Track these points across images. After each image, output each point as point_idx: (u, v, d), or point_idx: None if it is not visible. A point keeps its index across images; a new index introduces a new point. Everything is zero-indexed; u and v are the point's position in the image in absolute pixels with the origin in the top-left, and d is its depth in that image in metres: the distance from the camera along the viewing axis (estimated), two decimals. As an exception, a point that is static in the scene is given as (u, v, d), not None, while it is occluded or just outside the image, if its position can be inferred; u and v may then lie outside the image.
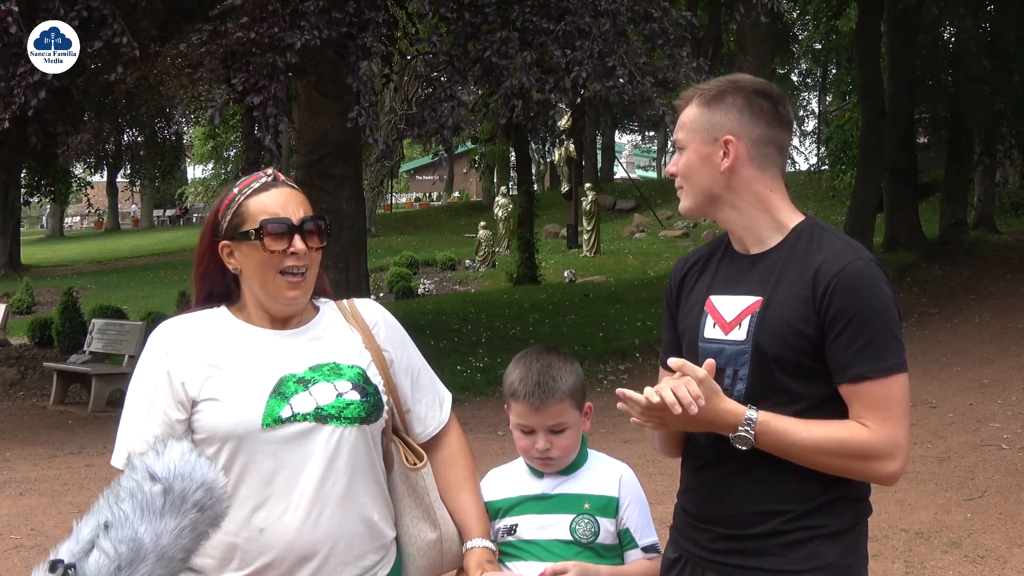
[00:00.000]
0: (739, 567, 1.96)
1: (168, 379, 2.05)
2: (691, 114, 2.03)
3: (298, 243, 2.05)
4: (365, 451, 2.09)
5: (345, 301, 2.25)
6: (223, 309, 2.15)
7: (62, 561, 1.50)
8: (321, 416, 2.03)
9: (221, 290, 2.17)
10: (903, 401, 1.91)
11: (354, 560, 2.07)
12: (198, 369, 2.05)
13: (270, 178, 2.13)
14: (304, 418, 2.02)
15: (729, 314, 2.00)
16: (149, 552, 1.53)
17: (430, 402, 2.27)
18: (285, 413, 2.01)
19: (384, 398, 2.13)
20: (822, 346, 1.91)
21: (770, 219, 2.02)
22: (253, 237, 2.05)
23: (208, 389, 2.03)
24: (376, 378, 2.13)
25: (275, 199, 2.08)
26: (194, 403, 2.04)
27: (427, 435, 2.26)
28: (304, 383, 2.05)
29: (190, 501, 1.59)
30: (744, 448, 1.91)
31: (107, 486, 1.63)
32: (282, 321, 2.13)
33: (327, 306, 2.22)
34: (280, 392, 2.03)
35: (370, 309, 2.24)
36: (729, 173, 1.99)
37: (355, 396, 2.07)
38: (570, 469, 2.26)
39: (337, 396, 2.05)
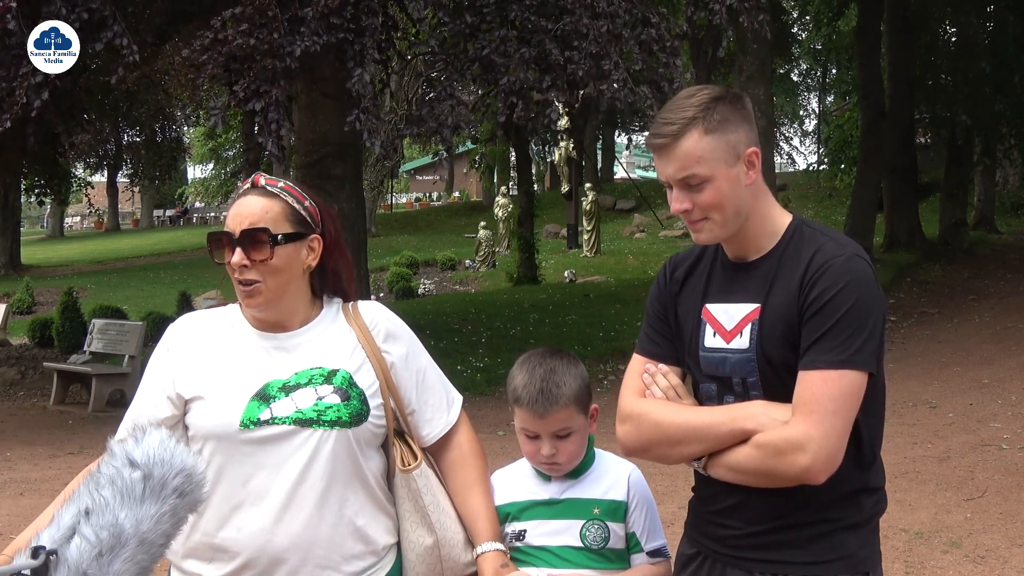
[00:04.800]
0: (761, 561, 1.96)
1: (163, 375, 2.11)
2: (703, 144, 1.92)
3: (235, 256, 2.06)
4: (348, 455, 2.08)
5: (349, 303, 2.24)
6: (235, 307, 2.19)
7: (44, 547, 1.50)
8: (299, 420, 2.04)
9: None
10: (838, 398, 1.84)
11: (336, 565, 2.06)
12: (192, 367, 2.10)
13: (248, 185, 2.14)
14: (282, 421, 2.03)
15: (729, 323, 1.99)
16: (130, 538, 1.54)
17: (437, 403, 2.24)
18: (264, 416, 2.03)
19: (374, 402, 2.12)
20: None
21: (769, 223, 2.01)
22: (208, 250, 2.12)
23: (196, 388, 2.08)
24: (365, 381, 2.12)
25: (234, 210, 2.11)
26: (185, 401, 2.08)
27: (434, 436, 2.24)
28: (287, 389, 2.07)
29: (170, 487, 1.60)
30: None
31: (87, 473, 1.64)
32: (279, 324, 2.14)
33: (331, 307, 2.22)
34: (262, 395, 2.05)
35: (371, 310, 2.23)
36: (752, 186, 1.97)
37: (336, 400, 2.07)
38: (578, 472, 2.23)
39: (317, 400, 2.06)
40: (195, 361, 2.10)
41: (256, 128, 10.26)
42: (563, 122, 22.31)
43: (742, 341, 1.96)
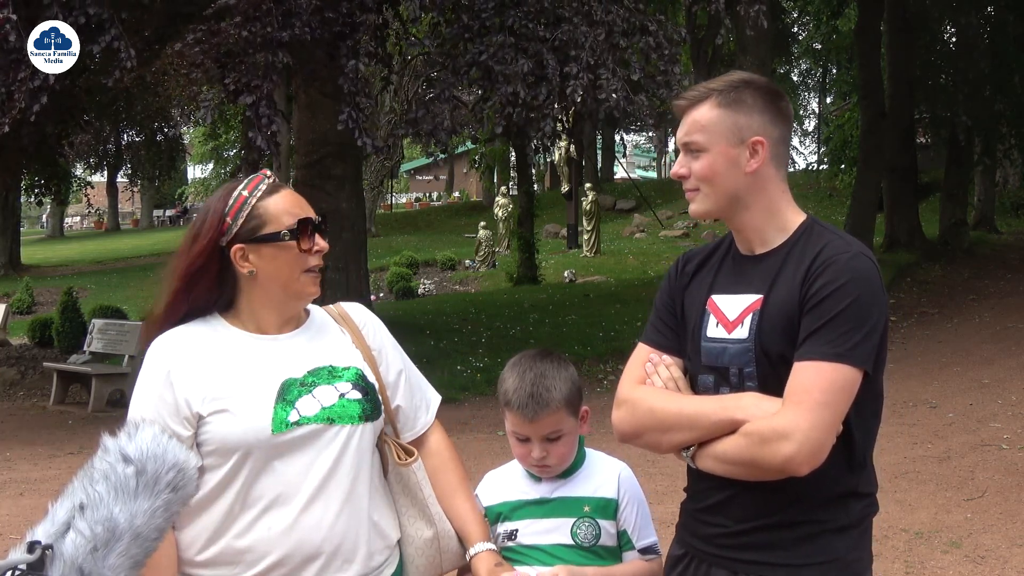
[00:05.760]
0: (747, 562, 1.96)
1: (172, 399, 2.03)
2: (710, 115, 1.99)
3: (320, 241, 2.11)
4: (369, 450, 2.12)
5: (331, 305, 2.27)
6: (216, 316, 2.13)
7: (39, 542, 1.51)
8: (327, 417, 2.05)
9: (209, 299, 2.12)
10: (829, 391, 1.83)
11: (360, 560, 2.07)
12: (201, 384, 2.04)
13: (272, 180, 2.14)
14: (311, 420, 2.04)
15: (732, 313, 2.00)
16: (124, 532, 1.55)
17: (418, 402, 2.28)
18: (292, 417, 2.03)
19: (379, 397, 2.16)
20: None
21: (779, 219, 2.02)
22: (288, 237, 2.06)
23: (214, 402, 2.02)
24: (370, 378, 2.15)
25: (292, 200, 2.11)
26: (200, 418, 2.03)
27: (413, 435, 2.27)
28: (305, 387, 2.07)
29: (163, 482, 1.61)
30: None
31: (80, 468, 1.65)
32: (277, 326, 2.14)
33: (315, 310, 2.24)
34: (284, 397, 2.04)
35: (358, 312, 2.27)
36: (753, 175, 1.99)
37: (357, 395, 2.09)
38: (568, 471, 2.25)
39: (340, 396, 2.07)
40: (204, 376, 2.04)
41: (251, 124, 10.27)
42: (558, 126, 22.30)
43: (742, 331, 1.97)
